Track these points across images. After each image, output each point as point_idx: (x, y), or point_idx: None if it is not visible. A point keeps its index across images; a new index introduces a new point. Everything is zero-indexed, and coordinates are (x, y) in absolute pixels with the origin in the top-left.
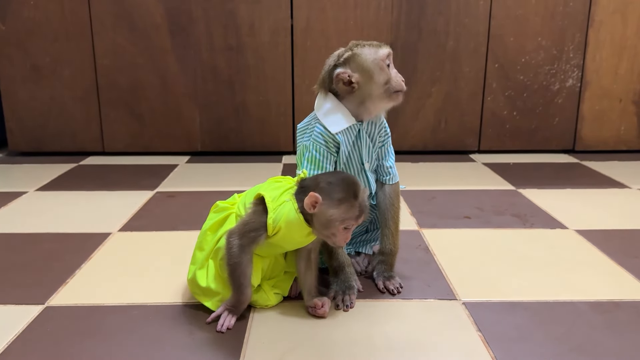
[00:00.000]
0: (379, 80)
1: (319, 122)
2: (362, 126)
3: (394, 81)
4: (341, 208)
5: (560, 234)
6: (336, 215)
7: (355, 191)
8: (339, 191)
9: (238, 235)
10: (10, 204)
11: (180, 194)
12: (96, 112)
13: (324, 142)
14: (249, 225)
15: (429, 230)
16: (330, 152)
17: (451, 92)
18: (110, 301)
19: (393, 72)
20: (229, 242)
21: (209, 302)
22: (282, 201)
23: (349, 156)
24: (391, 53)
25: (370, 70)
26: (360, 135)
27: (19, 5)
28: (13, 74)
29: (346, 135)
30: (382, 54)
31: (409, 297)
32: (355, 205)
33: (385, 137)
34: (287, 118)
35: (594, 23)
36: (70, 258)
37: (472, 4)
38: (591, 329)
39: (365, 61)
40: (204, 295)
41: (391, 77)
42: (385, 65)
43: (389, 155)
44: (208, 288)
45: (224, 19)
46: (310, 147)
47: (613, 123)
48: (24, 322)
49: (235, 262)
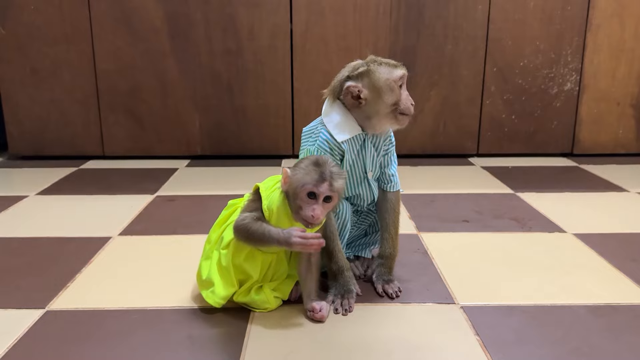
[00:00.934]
0: (388, 101)
1: (325, 128)
2: (367, 136)
3: (403, 104)
4: (300, 173)
5: (558, 237)
6: (296, 180)
7: (317, 160)
8: (303, 162)
9: (241, 217)
10: (11, 208)
11: (180, 197)
12: (96, 116)
13: (329, 149)
14: (249, 209)
15: (428, 234)
16: (334, 159)
17: (450, 96)
18: (111, 305)
19: (404, 94)
20: (236, 223)
21: (204, 292)
22: (274, 189)
23: (353, 165)
24: (405, 75)
25: (381, 89)
26: (366, 145)
27: (19, 9)
28: (13, 77)
29: (351, 144)
30: (396, 75)
31: (408, 301)
32: (316, 171)
33: (390, 145)
34: (286, 121)
35: (591, 27)
36: (71, 262)
37: (471, 8)
38: (589, 333)
39: (378, 80)
40: (202, 286)
41: (401, 99)
42: (397, 87)
43: (392, 163)
44: (207, 279)
45: (223, 23)
46: (315, 152)
47: (611, 126)
48: (24, 326)
49: (248, 227)
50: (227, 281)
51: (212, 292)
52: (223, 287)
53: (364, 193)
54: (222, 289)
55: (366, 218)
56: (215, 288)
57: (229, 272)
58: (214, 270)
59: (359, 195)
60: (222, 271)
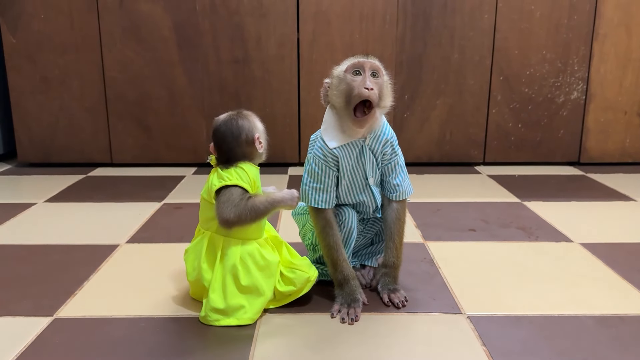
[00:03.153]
0: (338, 91)
1: (321, 135)
2: (365, 142)
3: (355, 90)
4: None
5: (565, 247)
6: (338, 70)
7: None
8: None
9: (234, 209)
10: (19, 215)
11: (187, 205)
12: (104, 124)
13: (323, 157)
14: (234, 197)
15: (434, 242)
16: (328, 167)
17: (456, 105)
18: (118, 313)
19: (358, 79)
20: (238, 208)
21: (227, 320)
22: (233, 171)
23: (353, 171)
24: (361, 62)
25: (334, 82)
26: (364, 151)
27: (29, 18)
28: (23, 85)
29: (346, 151)
30: (347, 65)
31: (414, 311)
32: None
33: (392, 155)
34: (292, 130)
35: (598, 36)
36: (79, 269)
37: (477, 18)
38: (596, 343)
39: (335, 74)
40: (222, 315)
41: (353, 86)
42: (348, 75)
43: (397, 173)
44: (228, 306)
45: (231, 32)
46: (311, 160)
47: (618, 135)
48: (32, 333)
49: (253, 203)
50: (256, 294)
51: (244, 313)
52: (256, 302)
53: (367, 200)
54: (256, 303)
55: (372, 226)
56: (247, 307)
57: (255, 286)
58: (233, 294)
59: (363, 202)
60: (245, 289)
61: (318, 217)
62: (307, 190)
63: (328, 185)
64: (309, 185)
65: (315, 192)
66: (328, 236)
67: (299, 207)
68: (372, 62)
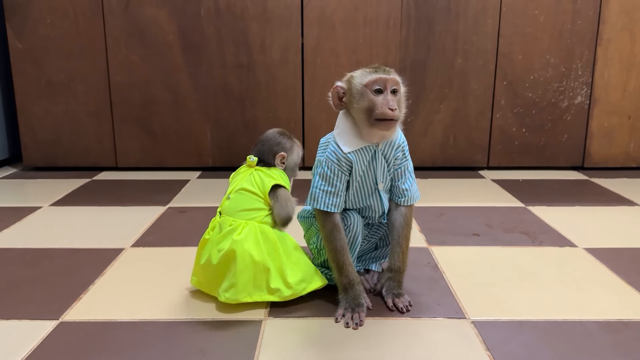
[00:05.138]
0: (360, 106)
1: (334, 139)
2: (378, 147)
3: (378, 109)
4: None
5: (569, 252)
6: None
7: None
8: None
9: (294, 208)
10: (25, 219)
11: (192, 209)
12: (109, 128)
13: (336, 161)
14: (290, 197)
15: (438, 247)
16: (341, 171)
17: (460, 109)
18: (123, 317)
19: (379, 99)
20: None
21: (314, 283)
22: (276, 172)
23: (364, 175)
24: (382, 79)
25: (353, 94)
26: (377, 156)
27: (35, 23)
28: (28, 90)
29: (360, 155)
30: (367, 80)
31: (418, 316)
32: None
33: (403, 160)
34: (297, 134)
35: (602, 41)
36: (84, 273)
37: (481, 23)
38: (600, 349)
39: (353, 85)
40: (308, 282)
41: (376, 104)
42: (370, 92)
43: (406, 178)
44: (305, 273)
45: (235, 37)
46: (323, 163)
47: (622, 140)
48: (38, 337)
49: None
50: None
51: (318, 275)
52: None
53: (375, 204)
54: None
55: (377, 231)
56: (316, 270)
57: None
58: (303, 263)
59: (370, 207)
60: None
61: (326, 221)
62: (317, 193)
63: (339, 189)
64: (320, 188)
65: (326, 195)
66: (335, 240)
67: (304, 211)
68: (393, 78)
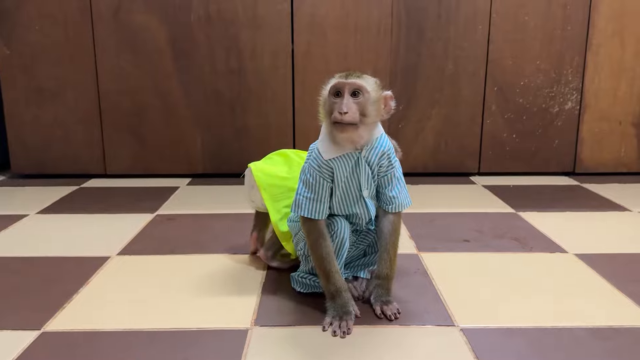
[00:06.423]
0: (324, 111)
1: (317, 146)
2: (361, 154)
3: (333, 112)
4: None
5: (559, 258)
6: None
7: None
8: None
9: None
10: (10, 227)
11: (180, 216)
12: (99, 135)
13: (318, 167)
14: None
15: (428, 253)
16: (323, 178)
17: (451, 115)
18: (108, 327)
19: (337, 102)
20: None
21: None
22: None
23: (347, 182)
24: (341, 83)
25: (321, 99)
26: (360, 163)
27: (24, 29)
28: (17, 97)
29: (342, 162)
30: (329, 85)
31: (407, 323)
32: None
33: (389, 167)
34: (287, 140)
35: (592, 46)
36: (68, 282)
37: (471, 29)
38: (590, 356)
39: (323, 92)
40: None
41: (333, 108)
42: (331, 95)
43: (393, 185)
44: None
45: (226, 43)
46: (306, 170)
47: (613, 145)
48: (19, 348)
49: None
50: None
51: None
52: None
53: (360, 212)
54: None
55: (365, 238)
56: None
57: None
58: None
59: (357, 214)
60: None
61: (310, 228)
62: (300, 200)
63: (322, 196)
64: (303, 195)
65: (308, 202)
66: (320, 247)
67: (294, 215)
68: (352, 82)
